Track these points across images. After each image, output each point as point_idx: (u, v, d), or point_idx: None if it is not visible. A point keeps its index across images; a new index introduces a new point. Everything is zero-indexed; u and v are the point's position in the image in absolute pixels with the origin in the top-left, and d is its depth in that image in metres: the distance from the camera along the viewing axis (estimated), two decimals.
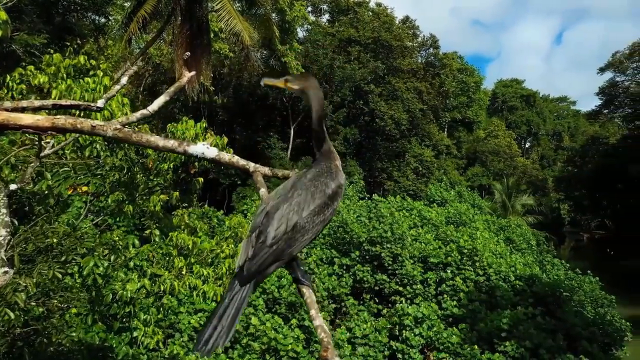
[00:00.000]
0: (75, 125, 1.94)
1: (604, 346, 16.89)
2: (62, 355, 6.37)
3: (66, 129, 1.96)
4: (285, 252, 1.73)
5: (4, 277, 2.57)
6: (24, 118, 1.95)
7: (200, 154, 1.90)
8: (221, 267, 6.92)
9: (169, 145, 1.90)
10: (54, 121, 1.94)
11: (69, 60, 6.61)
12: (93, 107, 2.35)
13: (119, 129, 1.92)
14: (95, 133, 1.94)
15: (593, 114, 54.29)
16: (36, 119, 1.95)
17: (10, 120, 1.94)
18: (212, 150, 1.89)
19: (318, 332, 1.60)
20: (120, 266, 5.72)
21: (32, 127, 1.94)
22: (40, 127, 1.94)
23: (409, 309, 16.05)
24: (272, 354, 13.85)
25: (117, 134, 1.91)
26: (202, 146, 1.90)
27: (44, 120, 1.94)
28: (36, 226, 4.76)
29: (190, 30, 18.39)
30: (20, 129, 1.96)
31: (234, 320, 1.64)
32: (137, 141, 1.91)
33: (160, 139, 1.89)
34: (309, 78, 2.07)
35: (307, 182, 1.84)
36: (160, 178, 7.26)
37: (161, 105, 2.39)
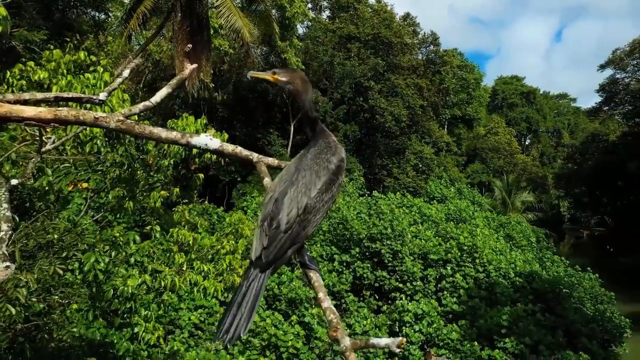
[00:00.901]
0: (78, 117, 1.93)
1: (604, 343, 16.92)
2: (63, 350, 6.38)
3: (69, 120, 1.96)
4: (300, 234, 1.74)
5: (6, 272, 2.56)
6: (26, 110, 1.95)
7: (203, 145, 1.90)
8: (222, 264, 6.92)
9: (172, 137, 1.89)
10: (57, 113, 1.93)
11: (69, 56, 6.60)
12: (95, 100, 2.35)
13: (122, 120, 1.91)
14: (97, 125, 1.93)
15: (593, 111, 54.26)
16: (38, 111, 1.94)
17: (13, 112, 1.94)
18: (215, 141, 1.89)
19: (327, 313, 1.61)
20: (121, 262, 5.72)
21: (35, 119, 1.93)
22: (43, 119, 1.93)
23: (409, 306, 16.08)
24: (272, 350, 13.87)
25: (119, 126, 1.90)
26: (205, 137, 1.89)
27: (47, 112, 1.94)
28: (37, 222, 4.76)
29: (190, 27, 18.33)
30: (23, 121, 1.95)
31: (253, 308, 1.64)
32: (140, 133, 1.90)
33: (163, 131, 1.89)
34: (296, 71, 2.09)
35: (310, 162, 1.86)
36: (161, 174, 7.27)
37: (163, 97, 2.39)
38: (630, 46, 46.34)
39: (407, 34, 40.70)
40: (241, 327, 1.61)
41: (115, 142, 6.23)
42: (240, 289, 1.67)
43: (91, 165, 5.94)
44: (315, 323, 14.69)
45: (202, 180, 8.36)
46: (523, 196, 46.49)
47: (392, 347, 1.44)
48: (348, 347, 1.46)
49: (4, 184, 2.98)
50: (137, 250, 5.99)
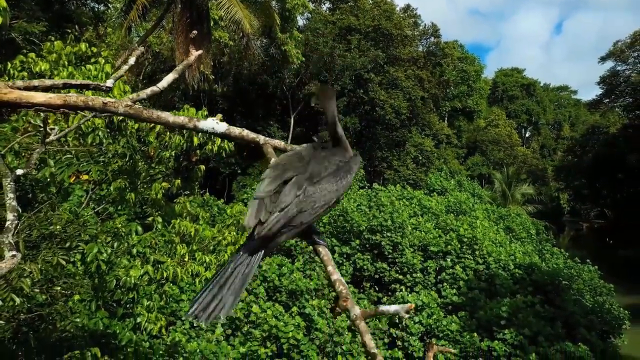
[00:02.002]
0: (87, 103, 1.96)
1: (603, 334, 17.02)
2: (65, 341, 6.43)
3: (78, 106, 1.98)
4: (296, 218, 1.65)
5: (12, 261, 2.58)
6: (36, 96, 1.97)
7: (210, 129, 1.92)
8: (223, 255, 6.96)
9: (179, 121, 1.91)
10: (66, 99, 1.96)
11: (70, 48, 6.61)
12: (102, 87, 2.37)
13: (130, 105, 1.94)
14: (106, 110, 1.95)
15: (594, 104, 54.13)
16: (48, 97, 1.97)
17: (23, 98, 1.96)
18: (222, 125, 1.91)
19: (336, 285, 1.61)
20: (123, 253, 5.75)
21: (45, 104, 1.96)
22: (53, 104, 1.96)
23: (409, 297, 16.15)
24: (273, 341, 13.94)
25: (128, 111, 1.93)
26: (212, 121, 1.92)
27: (56, 98, 1.97)
28: (40, 212, 4.79)
29: (190, 18, 18.29)
30: (33, 107, 1.98)
31: (238, 294, 1.54)
32: (148, 117, 1.92)
33: (171, 115, 1.91)
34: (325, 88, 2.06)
35: (322, 154, 1.81)
36: (162, 166, 7.29)
37: (170, 82, 2.42)
38: (631, 38, 46.18)
39: (408, 26, 40.55)
40: (220, 310, 1.52)
41: (116, 133, 6.25)
42: (225, 269, 1.56)
43: (93, 156, 5.96)
44: (316, 314, 14.76)
45: (203, 172, 8.38)
46: (523, 188, 46.53)
47: (401, 313, 1.46)
48: (358, 316, 1.49)
49: (10, 174, 3.00)
50: (139, 241, 6.02)
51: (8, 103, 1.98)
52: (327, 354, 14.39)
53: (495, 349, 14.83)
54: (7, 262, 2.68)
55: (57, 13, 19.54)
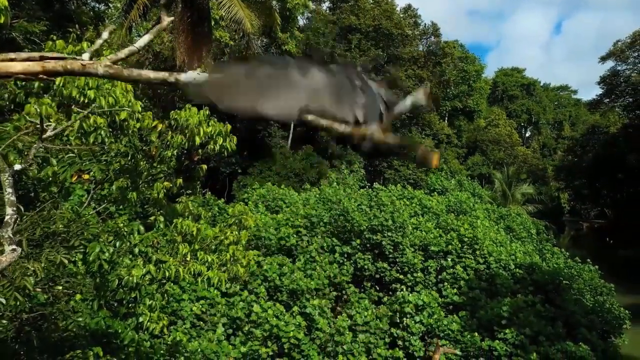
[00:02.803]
0: (66, 67, 1.96)
1: (603, 334, 17.04)
2: (67, 340, 6.43)
3: (57, 71, 1.98)
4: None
5: (12, 255, 2.59)
6: (14, 66, 1.98)
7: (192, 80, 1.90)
8: (225, 254, 6.96)
9: (161, 77, 1.91)
10: (44, 65, 1.96)
11: (71, 47, 6.59)
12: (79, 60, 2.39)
13: (109, 65, 1.93)
14: (86, 73, 1.95)
15: (594, 103, 54.08)
16: (27, 65, 1.98)
17: (2, 69, 1.97)
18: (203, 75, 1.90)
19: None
20: (125, 252, 5.75)
21: (24, 72, 1.96)
22: (31, 72, 1.96)
23: (410, 297, 16.14)
24: (274, 340, 13.96)
25: (108, 71, 1.92)
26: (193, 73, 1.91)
27: (35, 65, 1.97)
28: (43, 211, 4.79)
29: (191, 18, 18.29)
30: (12, 76, 1.98)
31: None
32: (129, 76, 1.92)
33: (152, 73, 1.92)
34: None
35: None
36: (164, 165, 7.28)
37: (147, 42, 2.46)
38: (631, 38, 46.15)
39: (408, 26, 40.57)
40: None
41: (118, 132, 6.25)
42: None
43: (95, 155, 5.96)
44: (317, 314, 14.77)
45: (204, 171, 8.38)
46: (523, 188, 46.52)
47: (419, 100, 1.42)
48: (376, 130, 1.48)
49: (8, 169, 3.00)
50: (141, 241, 6.02)
51: None
52: (328, 353, 14.41)
53: (496, 348, 14.85)
54: (8, 256, 2.69)
55: (57, 13, 19.54)
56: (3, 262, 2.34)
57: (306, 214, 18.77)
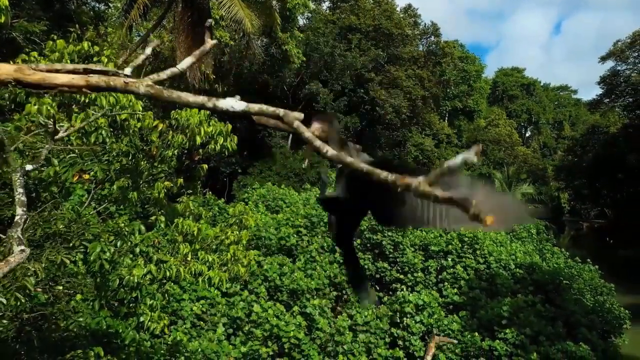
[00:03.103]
0: (109, 83, 1.99)
1: (603, 334, 17.03)
2: (68, 340, 6.43)
3: (100, 87, 2.01)
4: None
5: (21, 255, 2.59)
6: (59, 77, 2.01)
7: (229, 108, 1.93)
8: (226, 254, 6.96)
9: (199, 101, 1.94)
10: (88, 79, 2.00)
11: (72, 46, 6.60)
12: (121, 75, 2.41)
13: (151, 85, 1.96)
14: (128, 90, 1.98)
15: (594, 103, 54.06)
16: (71, 78, 2.01)
17: (47, 79, 2.01)
18: (240, 103, 1.93)
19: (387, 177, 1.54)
20: (126, 252, 5.75)
21: (68, 85, 1.99)
22: (75, 85, 2.00)
23: (410, 297, 16.14)
24: (274, 340, 13.96)
25: (149, 91, 1.95)
26: (231, 100, 1.93)
27: (79, 79, 2.00)
28: (44, 212, 4.79)
29: (191, 18, 18.29)
30: (56, 88, 2.01)
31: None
32: (169, 97, 1.94)
33: (191, 96, 1.94)
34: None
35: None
36: (165, 165, 7.28)
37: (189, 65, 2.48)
38: (631, 38, 46.13)
39: (408, 25, 40.56)
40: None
41: (119, 132, 6.24)
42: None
43: (97, 155, 5.96)
44: (317, 314, 14.77)
45: (205, 171, 8.38)
46: (523, 188, 46.53)
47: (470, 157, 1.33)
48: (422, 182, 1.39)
49: (19, 170, 3.01)
50: (142, 240, 6.02)
51: (32, 84, 2.03)
52: (329, 353, 14.40)
53: (496, 348, 14.84)
54: (17, 257, 2.68)
55: (57, 12, 19.53)
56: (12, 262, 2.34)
57: (306, 213, 18.76)
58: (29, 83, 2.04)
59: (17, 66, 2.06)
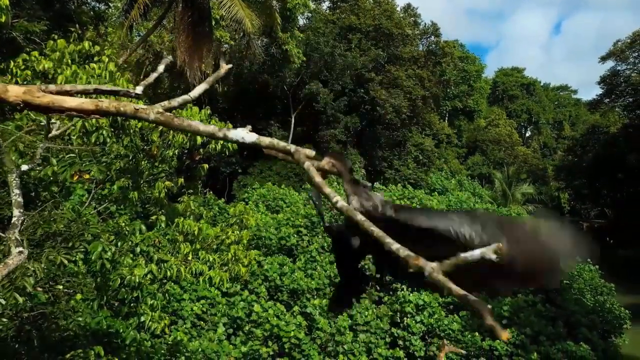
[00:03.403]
0: (119, 109, 1.96)
1: (604, 333, 17.01)
2: (68, 339, 6.42)
3: (109, 112, 1.99)
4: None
5: (18, 257, 2.58)
6: (68, 101, 1.98)
7: (240, 139, 1.91)
8: (226, 254, 6.95)
9: (209, 130, 1.91)
10: (98, 104, 1.97)
11: (73, 46, 6.59)
12: (132, 94, 2.39)
13: (161, 112, 1.93)
14: (137, 117, 1.96)
15: (594, 103, 54.04)
16: (81, 102, 1.98)
17: (56, 102, 1.98)
18: (251, 135, 1.91)
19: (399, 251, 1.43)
20: (126, 251, 5.74)
21: (77, 109, 1.97)
22: (85, 110, 1.97)
23: (410, 297, 16.13)
24: (275, 340, 13.96)
25: (159, 118, 1.92)
26: (242, 131, 1.91)
27: (89, 104, 1.97)
28: (44, 211, 4.78)
29: (191, 18, 18.27)
30: (64, 112, 1.99)
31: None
32: (179, 125, 1.92)
33: (201, 125, 1.91)
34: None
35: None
36: (165, 165, 7.27)
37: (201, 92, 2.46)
38: (631, 38, 46.11)
39: (408, 25, 40.53)
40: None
41: (120, 132, 6.23)
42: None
43: (96, 156, 5.95)
44: (317, 314, 14.76)
45: (206, 171, 8.37)
46: (523, 188, 46.54)
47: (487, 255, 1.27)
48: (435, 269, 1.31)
49: (15, 170, 3.00)
50: (143, 240, 6.01)
51: (41, 107, 2.00)
52: (329, 353, 14.40)
53: (496, 348, 14.84)
54: (15, 259, 2.67)
55: (57, 12, 19.51)
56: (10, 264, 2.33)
57: (307, 213, 18.76)
58: (37, 106, 2.02)
59: (26, 88, 2.03)
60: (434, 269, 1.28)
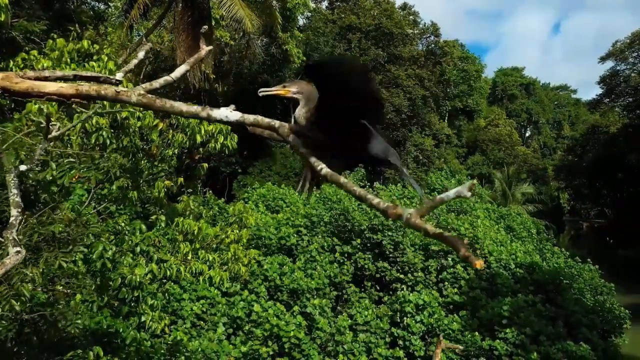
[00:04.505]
0: (100, 92, 1.94)
1: (604, 333, 17.02)
2: (68, 340, 6.41)
3: (90, 95, 1.96)
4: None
5: (16, 257, 2.56)
6: (48, 86, 1.96)
7: (224, 118, 1.89)
8: (226, 253, 6.94)
9: (193, 111, 1.89)
10: (78, 88, 1.94)
11: (72, 45, 6.58)
12: (112, 80, 2.35)
13: (143, 94, 1.91)
14: (119, 100, 1.93)
15: (594, 103, 54.06)
16: (60, 87, 1.95)
17: (35, 87, 1.95)
18: (235, 113, 1.88)
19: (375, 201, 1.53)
20: (127, 251, 5.73)
21: (57, 94, 1.94)
22: (65, 94, 1.94)
23: (410, 296, 16.12)
24: (274, 340, 13.94)
25: (141, 100, 1.90)
26: (225, 110, 1.89)
27: (68, 88, 1.95)
28: (42, 216, 4.76)
29: (191, 18, 18.27)
30: (44, 97, 1.96)
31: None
32: (161, 106, 1.89)
33: (184, 105, 1.89)
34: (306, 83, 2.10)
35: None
36: (165, 164, 7.26)
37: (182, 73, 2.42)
38: (631, 39, 46.13)
39: (407, 24, 40.54)
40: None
41: (120, 132, 6.22)
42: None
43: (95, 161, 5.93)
44: (317, 314, 14.75)
45: (205, 170, 8.36)
46: (523, 188, 46.53)
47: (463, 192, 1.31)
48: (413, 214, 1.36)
49: (13, 170, 2.98)
50: (143, 240, 6.00)
51: (20, 92, 1.98)
52: (329, 353, 14.40)
53: (496, 348, 14.83)
54: (12, 258, 2.66)
55: (57, 12, 19.49)
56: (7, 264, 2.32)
57: (306, 213, 18.74)
58: (16, 91, 1.99)
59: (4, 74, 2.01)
60: (412, 215, 1.37)
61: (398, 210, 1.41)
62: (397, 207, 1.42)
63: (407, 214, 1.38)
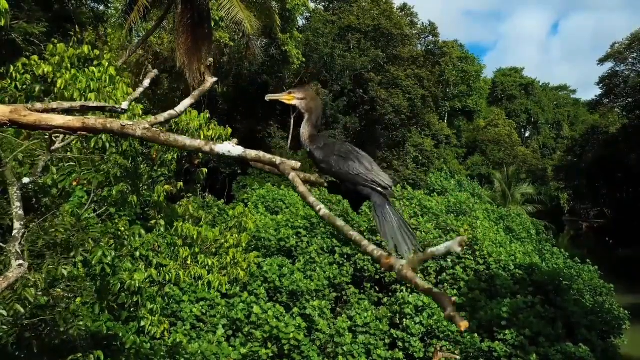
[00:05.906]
0: (105, 125, 1.97)
1: (603, 334, 17.05)
2: (68, 343, 6.42)
3: (96, 129, 1.99)
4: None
5: (19, 270, 2.59)
6: (55, 119, 1.99)
7: (226, 152, 1.92)
8: (225, 258, 6.96)
9: (196, 145, 1.92)
10: (85, 121, 1.98)
11: (72, 50, 6.60)
12: (118, 109, 2.40)
13: (148, 128, 1.94)
14: (124, 133, 1.96)
15: (593, 104, 54.10)
16: (67, 120, 1.99)
17: (42, 120, 1.99)
18: (237, 148, 1.92)
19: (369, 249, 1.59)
20: (126, 256, 5.75)
21: (64, 127, 1.98)
22: (72, 127, 1.98)
23: (410, 298, 16.15)
24: (274, 342, 13.95)
25: (145, 134, 1.93)
26: (228, 145, 1.92)
27: (75, 121, 1.98)
28: (45, 222, 4.79)
29: (191, 19, 18.27)
30: (52, 129, 2.00)
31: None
32: (165, 140, 1.92)
33: (188, 139, 1.92)
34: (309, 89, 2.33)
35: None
36: (164, 168, 7.29)
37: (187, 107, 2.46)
38: (630, 39, 46.17)
39: (406, 25, 40.56)
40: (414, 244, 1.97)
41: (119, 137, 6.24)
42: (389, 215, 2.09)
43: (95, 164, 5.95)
44: (317, 315, 14.77)
45: (205, 175, 8.39)
46: (523, 188, 46.54)
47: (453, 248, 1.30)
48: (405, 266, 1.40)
49: (16, 183, 3.01)
50: (142, 244, 6.02)
51: (28, 125, 2.02)
52: (328, 354, 14.42)
53: (495, 349, 14.85)
54: (15, 272, 2.69)
55: (56, 14, 19.49)
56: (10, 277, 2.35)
57: (306, 215, 18.75)
58: (24, 124, 2.02)
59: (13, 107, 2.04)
60: (404, 267, 1.41)
61: (391, 261, 1.47)
62: (390, 258, 1.47)
63: (399, 265, 1.44)
